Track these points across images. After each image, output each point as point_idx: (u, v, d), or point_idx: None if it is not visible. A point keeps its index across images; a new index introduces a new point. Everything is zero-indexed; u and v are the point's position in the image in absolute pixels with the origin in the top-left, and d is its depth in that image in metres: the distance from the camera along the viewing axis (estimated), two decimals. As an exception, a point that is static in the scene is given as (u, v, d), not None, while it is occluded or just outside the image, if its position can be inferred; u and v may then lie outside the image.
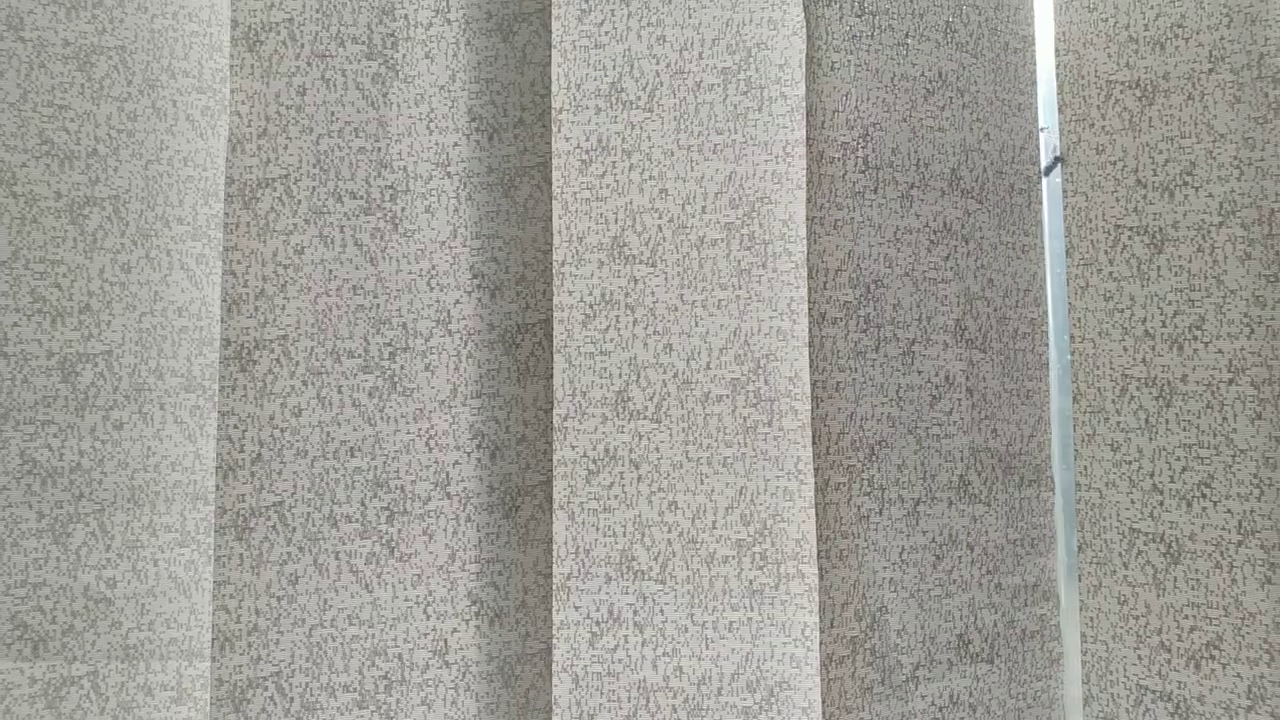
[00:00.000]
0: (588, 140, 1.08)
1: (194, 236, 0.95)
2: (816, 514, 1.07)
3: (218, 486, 1.05)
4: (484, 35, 1.16)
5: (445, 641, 1.09)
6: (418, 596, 1.09)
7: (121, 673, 0.90)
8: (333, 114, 1.11)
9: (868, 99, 1.14)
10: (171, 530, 0.91)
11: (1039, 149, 1.20)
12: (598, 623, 1.03)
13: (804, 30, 1.09)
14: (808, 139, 1.11)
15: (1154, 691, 1.03)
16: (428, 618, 1.09)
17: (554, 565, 1.05)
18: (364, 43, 1.13)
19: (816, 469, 1.08)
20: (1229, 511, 1.01)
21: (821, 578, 1.07)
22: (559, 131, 1.08)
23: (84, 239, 0.93)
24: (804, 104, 1.08)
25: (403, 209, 1.12)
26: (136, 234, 0.93)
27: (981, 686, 1.12)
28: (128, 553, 0.90)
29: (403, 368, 1.11)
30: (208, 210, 0.95)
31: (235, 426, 1.07)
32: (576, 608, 1.03)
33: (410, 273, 1.12)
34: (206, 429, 0.93)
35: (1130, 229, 1.07)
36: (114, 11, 0.96)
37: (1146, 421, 1.05)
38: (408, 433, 1.10)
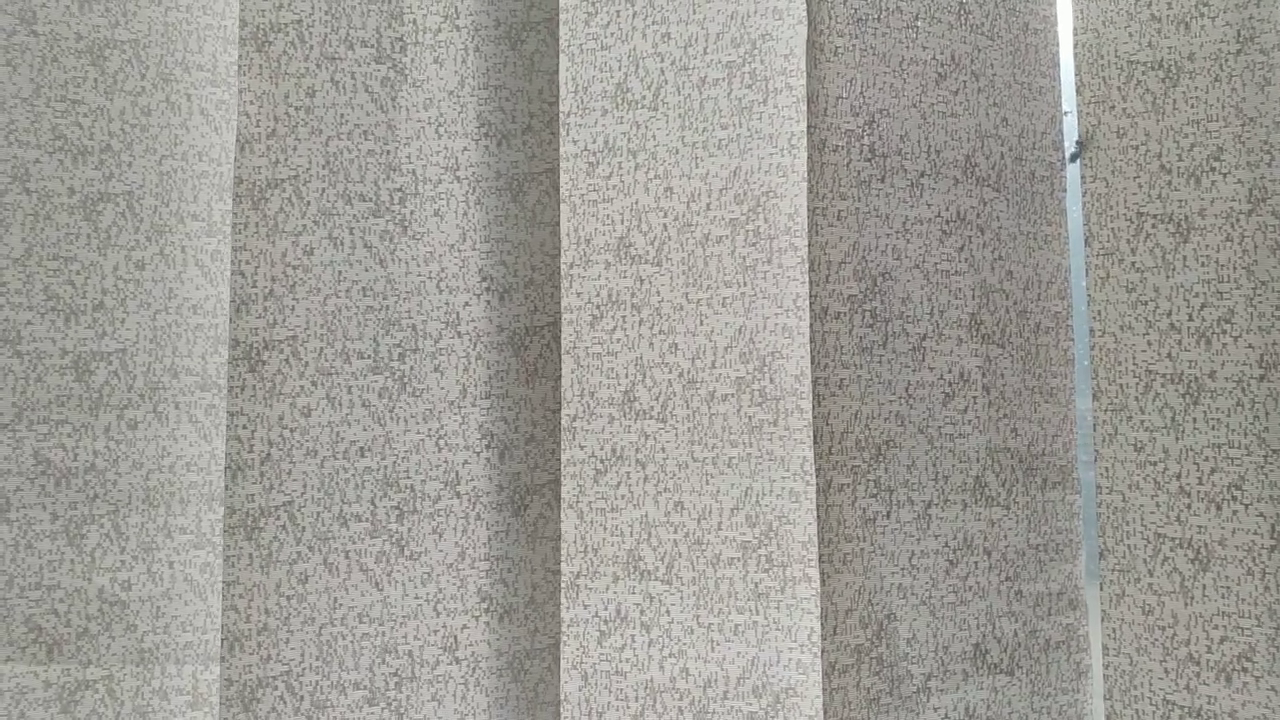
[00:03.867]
0: (594, 142, 1.01)
1: (209, 233, 0.90)
2: (819, 517, 0.97)
3: (227, 486, 0.98)
4: (493, 42, 1.10)
5: (455, 638, 1.03)
6: (428, 594, 1.02)
7: (137, 676, 0.84)
8: (342, 116, 1.05)
9: (874, 84, 1.03)
10: (187, 532, 0.87)
11: (1062, 134, 1.08)
12: (605, 621, 0.96)
13: (807, 17, 0.99)
14: (809, 127, 1.01)
15: (1182, 706, 0.92)
16: (438, 615, 1.02)
17: (563, 564, 0.97)
18: (373, 46, 1.07)
19: (819, 469, 0.98)
20: (1261, 515, 0.90)
21: (824, 583, 0.98)
22: (566, 134, 1.01)
23: (97, 235, 0.87)
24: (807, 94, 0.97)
25: (412, 212, 1.06)
26: (150, 230, 0.88)
27: (1001, 699, 1.01)
28: (143, 555, 0.85)
29: (412, 369, 1.05)
30: (223, 206, 0.90)
31: (244, 427, 1.00)
32: (585, 606, 0.96)
33: (419, 275, 1.06)
34: (222, 428, 0.89)
35: (1154, 217, 0.96)
36: (127, 5, 0.88)
37: (1172, 420, 0.94)
38: (417, 433, 1.04)
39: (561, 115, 1.03)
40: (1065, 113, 1.09)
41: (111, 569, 0.86)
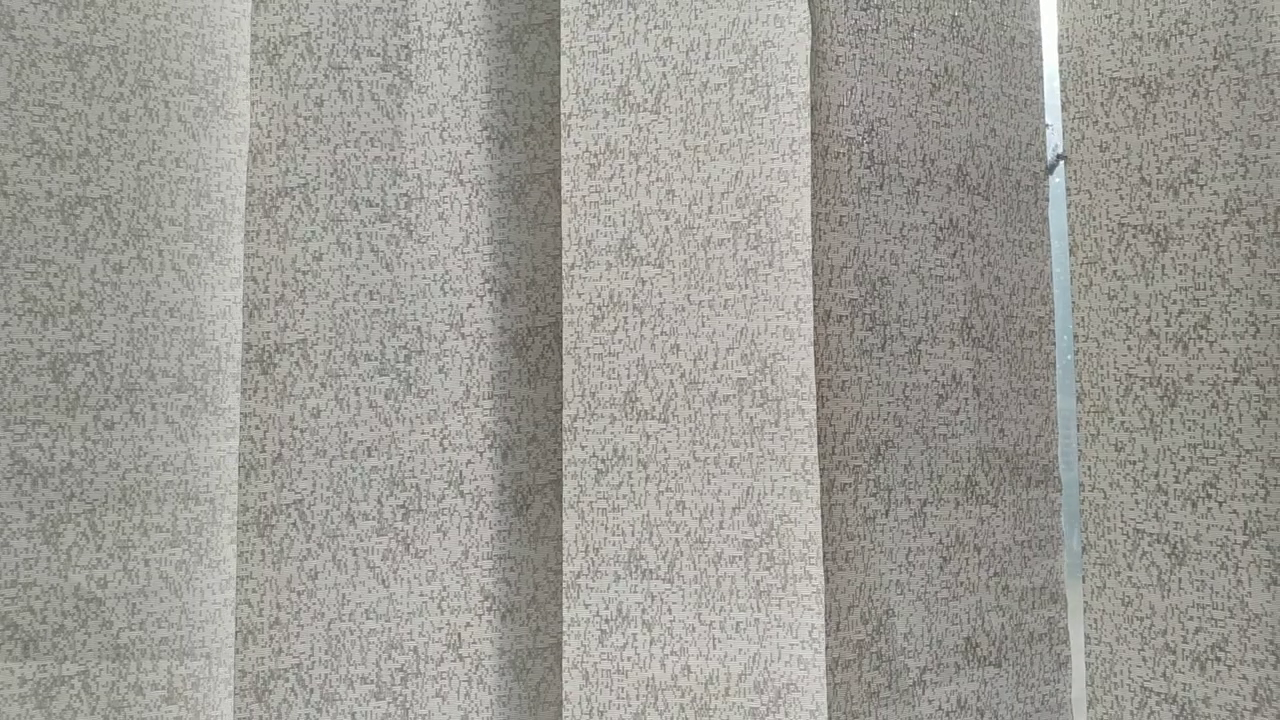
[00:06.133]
0: (596, 144, 1.01)
1: (185, 237, 0.89)
2: (822, 515, 0.99)
3: (240, 485, 1.00)
4: (495, 46, 1.10)
5: (459, 635, 1.03)
6: (432, 592, 1.03)
7: (112, 672, 0.84)
8: (349, 124, 1.06)
9: (873, 93, 1.04)
10: (162, 530, 0.85)
11: (1045, 145, 1.10)
12: (607, 620, 0.96)
13: (810, 26, 1.01)
14: (812, 134, 1.03)
15: (1159, 694, 0.95)
16: (442, 612, 1.03)
17: (564, 563, 0.98)
18: (379, 55, 1.07)
19: (822, 469, 0.99)
20: (1234, 512, 0.93)
21: (828, 580, 0.99)
22: (568, 136, 1.01)
23: (75, 239, 0.87)
24: (809, 101, 0.99)
25: (417, 216, 1.06)
26: (128, 234, 0.87)
27: (989, 690, 1.03)
28: (118, 553, 0.84)
29: (417, 370, 1.05)
30: (199, 211, 0.89)
31: (257, 427, 1.01)
32: (586, 605, 0.97)
33: (424, 278, 1.06)
34: (198, 429, 0.88)
35: (1134, 227, 0.99)
36: (106, 11, 0.89)
37: (1151, 421, 0.97)
38: (422, 433, 1.04)
39: (563, 117, 1.04)
40: (1047, 125, 1.12)
41: (87, 566, 0.85)
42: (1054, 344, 1.09)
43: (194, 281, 0.88)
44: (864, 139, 1.04)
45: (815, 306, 1.01)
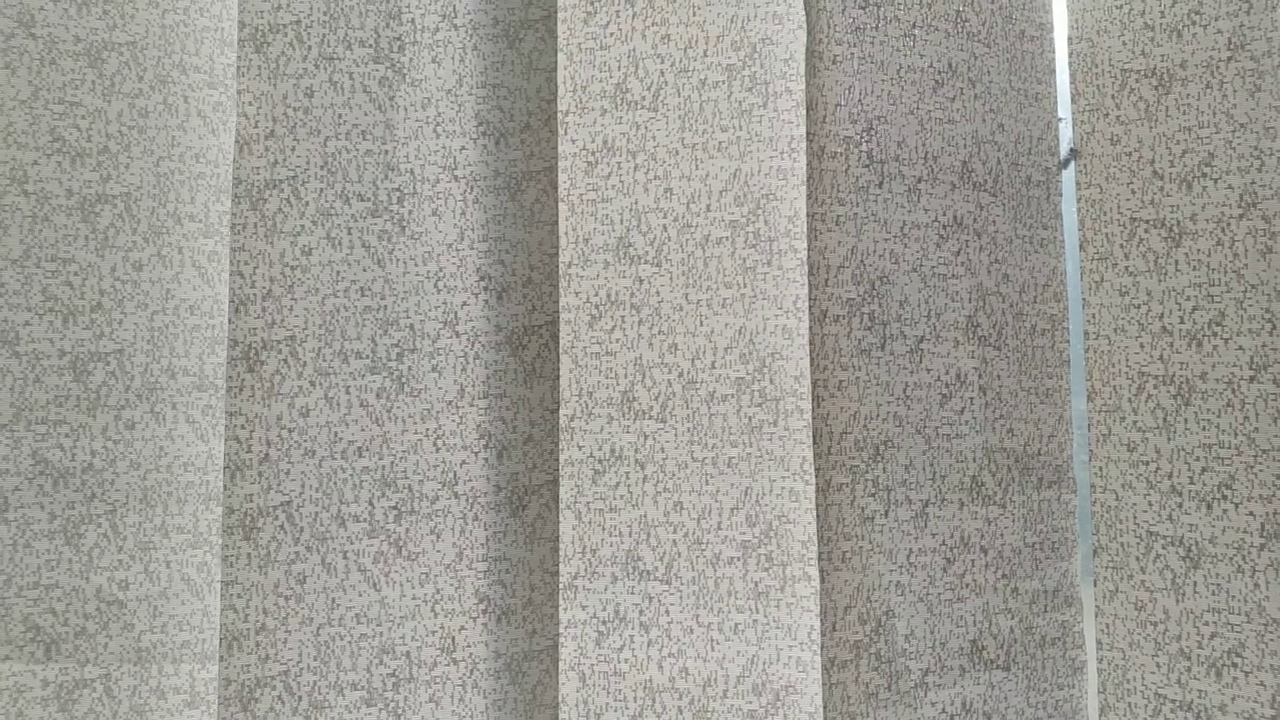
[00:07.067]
0: (593, 141, 1.02)
1: (206, 234, 0.91)
2: (818, 516, 1.00)
3: (225, 486, 1.00)
4: (491, 41, 1.11)
5: (453, 639, 1.04)
6: (425, 595, 1.04)
7: (134, 675, 0.85)
8: (340, 116, 1.07)
9: (872, 92, 1.06)
10: (184, 531, 0.87)
11: (1057, 140, 1.11)
12: (604, 622, 0.98)
13: (805, 24, 1.03)
14: (808, 134, 1.04)
15: (1173, 700, 0.95)
16: (435, 616, 1.04)
17: (561, 565, 0.99)
18: (371, 46, 1.08)
19: (818, 469, 1.01)
20: (1251, 514, 0.92)
21: (823, 580, 1.00)
22: (565, 134, 1.03)
23: (95, 237, 0.88)
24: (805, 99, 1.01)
25: (410, 211, 1.08)
26: (148, 231, 0.88)
27: (997, 694, 1.04)
28: (140, 554, 0.86)
29: (410, 369, 1.06)
30: (220, 207, 0.91)
31: (243, 427, 1.01)
32: (583, 607, 0.98)
33: (417, 275, 1.07)
34: (219, 428, 0.89)
35: (1147, 222, 0.99)
36: (125, 8, 0.90)
37: (1164, 421, 0.97)
38: (415, 433, 1.05)
39: (560, 114, 1.05)
40: (1060, 119, 1.13)
41: (109, 568, 0.87)
42: (1068, 342, 1.09)
43: (214, 278, 0.90)
44: (862, 138, 1.06)
45: (811, 306, 1.02)
